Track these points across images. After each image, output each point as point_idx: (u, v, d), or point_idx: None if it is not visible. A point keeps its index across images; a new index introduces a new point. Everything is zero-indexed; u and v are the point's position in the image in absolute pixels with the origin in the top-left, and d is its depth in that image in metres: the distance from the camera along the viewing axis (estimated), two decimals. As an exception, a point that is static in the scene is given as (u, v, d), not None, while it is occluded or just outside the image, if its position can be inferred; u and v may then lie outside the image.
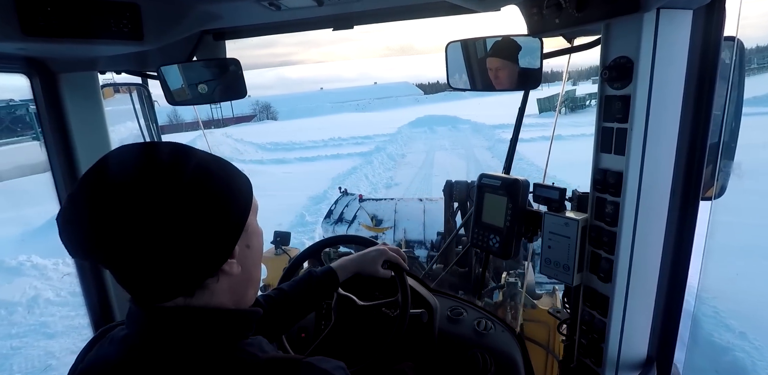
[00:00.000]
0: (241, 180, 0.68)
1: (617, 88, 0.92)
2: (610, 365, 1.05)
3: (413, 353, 1.45)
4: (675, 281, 1.04)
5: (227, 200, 0.64)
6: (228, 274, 0.66)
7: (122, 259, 0.58)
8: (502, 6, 1.14)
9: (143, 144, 0.64)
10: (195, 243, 0.60)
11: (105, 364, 0.66)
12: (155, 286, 0.62)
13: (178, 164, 0.61)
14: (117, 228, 0.56)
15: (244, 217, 0.67)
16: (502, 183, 1.25)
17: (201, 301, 0.66)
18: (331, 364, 0.67)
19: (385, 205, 5.08)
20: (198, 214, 0.60)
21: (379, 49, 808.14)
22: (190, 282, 0.64)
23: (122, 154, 0.62)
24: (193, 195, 0.59)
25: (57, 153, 1.44)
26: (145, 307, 0.64)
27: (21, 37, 1.00)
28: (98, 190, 0.58)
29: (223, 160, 0.68)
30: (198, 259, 0.62)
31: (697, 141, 0.95)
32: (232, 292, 0.69)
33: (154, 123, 1.97)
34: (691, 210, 0.99)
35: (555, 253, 1.09)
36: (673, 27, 0.85)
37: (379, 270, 1.36)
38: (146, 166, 0.59)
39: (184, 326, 0.64)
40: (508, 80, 1.23)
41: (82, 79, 1.44)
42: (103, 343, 0.70)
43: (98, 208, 0.57)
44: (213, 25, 1.46)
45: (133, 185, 0.57)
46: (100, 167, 0.60)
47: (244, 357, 0.64)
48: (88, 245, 0.58)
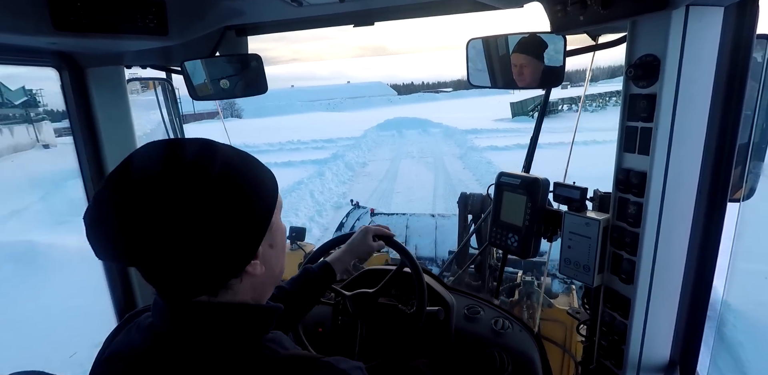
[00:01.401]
0: (266, 176, 0.68)
1: (643, 87, 0.90)
2: (631, 367, 1.04)
3: (429, 350, 1.45)
4: (700, 284, 1.02)
5: (253, 198, 0.63)
6: (251, 275, 0.66)
7: (149, 259, 0.58)
8: (526, 3, 1.13)
9: (168, 141, 0.64)
10: (221, 243, 0.60)
11: (131, 350, 0.67)
12: (180, 284, 0.63)
13: (205, 162, 0.60)
14: (144, 228, 0.56)
15: (269, 215, 0.66)
16: (522, 182, 1.23)
17: (224, 300, 0.66)
18: (349, 364, 0.67)
19: (397, 219, 4.89)
20: (224, 213, 0.59)
21: (353, 49, 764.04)
22: (214, 282, 0.64)
23: (148, 153, 0.61)
24: (219, 194, 0.59)
25: (84, 146, 1.48)
26: (169, 301, 0.65)
27: (52, 31, 1.03)
28: (125, 189, 0.58)
29: (248, 156, 0.67)
30: (223, 261, 0.62)
31: (726, 141, 0.93)
32: (254, 291, 0.70)
33: (178, 117, 2.00)
34: (718, 212, 0.97)
35: (575, 253, 1.08)
36: (702, 24, 0.83)
37: (373, 245, 1.42)
38: (172, 165, 0.59)
39: (209, 320, 0.65)
40: (531, 77, 1.22)
41: (109, 73, 1.47)
42: (131, 328, 0.72)
43: (125, 208, 0.56)
44: (235, 21, 1.47)
45: (159, 184, 0.57)
46: (126, 166, 0.60)
47: (266, 353, 0.65)
48: (115, 246, 0.58)
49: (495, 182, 1.33)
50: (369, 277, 1.53)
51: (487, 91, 77.28)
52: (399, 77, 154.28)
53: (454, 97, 70.84)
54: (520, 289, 2.20)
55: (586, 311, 1.21)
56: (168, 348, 0.64)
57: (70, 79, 1.41)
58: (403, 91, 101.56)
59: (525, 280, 2.22)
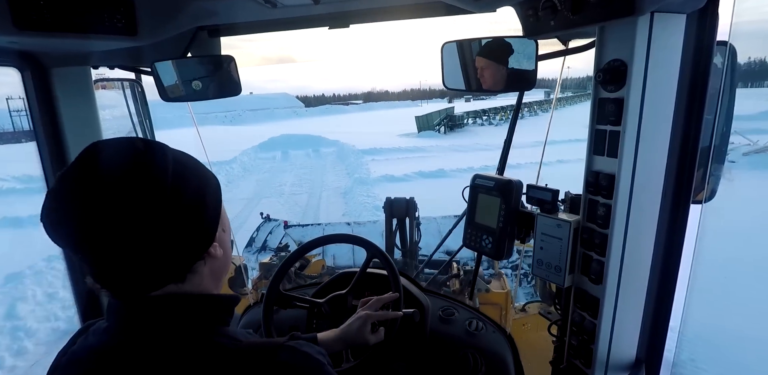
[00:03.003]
0: (206, 168, 0.73)
1: (611, 91, 0.92)
2: (599, 366, 1.06)
3: (405, 353, 1.45)
4: (665, 283, 1.05)
5: (206, 186, 0.69)
6: (213, 257, 0.70)
7: (114, 251, 0.59)
8: (498, 7, 1.15)
9: (117, 140, 0.66)
10: (185, 229, 0.64)
11: (89, 353, 0.67)
12: (147, 275, 0.64)
13: (158, 158, 0.63)
14: (108, 223, 0.57)
15: (220, 201, 0.72)
16: (496, 184, 1.25)
17: (191, 286, 0.68)
18: (313, 348, 0.70)
19: (312, 230, 4.74)
20: (187, 202, 0.64)
21: (259, 59, 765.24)
22: (181, 267, 0.67)
23: (101, 151, 0.62)
24: (178, 185, 0.62)
25: (48, 148, 1.43)
26: (127, 299, 0.66)
27: (13, 30, 0.99)
28: (83, 187, 0.58)
29: (187, 154, 0.71)
30: (189, 245, 0.66)
31: (689, 144, 0.96)
32: (214, 276, 0.73)
33: (147, 119, 1.96)
34: (682, 213, 1.00)
35: (547, 254, 1.10)
36: (666, 31, 0.86)
37: (370, 338, 1.21)
38: (130, 162, 0.61)
39: (166, 313, 0.65)
40: (492, 80, 1.23)
41: (75, 74, 1.43)
42: (87, 335, 0.71)
43: (86, 206, 0.57)
44: (208, 22, 1.45)
45: (119, 181, 0.59)
46: (81, 164, 0.60)
47: (225, 342, 0.66)
48: (76, 241, 0.59)
49: (470, 184, 1.35)
50: (342, 281, 1.53)
51: (395, 104, 75.82)
52: (310, 88, 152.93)
53: (363, 109, 70.33)
54: (461, 279, 2.46)
55: (557, 312, 1.23)
56: (127, 345, 0.64)
57: (33, 80, 1.36)
58: (313, 103, 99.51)
59: (466, 270, 2.51)
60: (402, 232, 3.12)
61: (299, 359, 0.67)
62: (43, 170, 1.46)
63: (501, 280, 2.74)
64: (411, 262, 3.10)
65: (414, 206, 3.09)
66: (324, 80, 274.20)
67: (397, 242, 3.17)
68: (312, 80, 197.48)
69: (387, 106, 75.82)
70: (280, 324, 1.50)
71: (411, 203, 3.09)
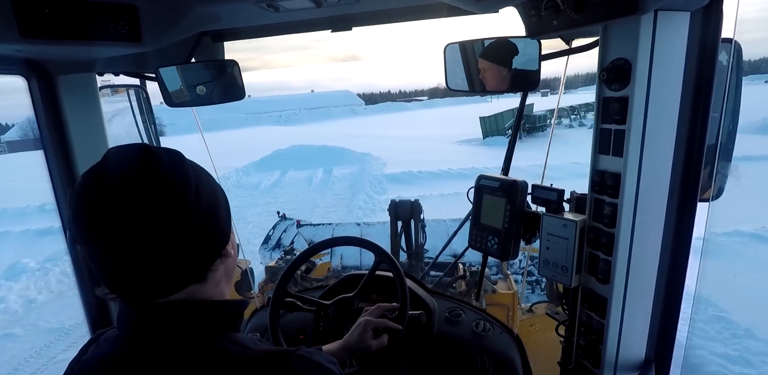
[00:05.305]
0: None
1: (615, 90, 0.92)
2: (608, 367, 1.05)
3: (412, 355, 1.45)
4: (673, 283, 1.05)
5: (216, 187, 0.72)
6: (227, 256, 0.73)
7: (145, 253, 0.61)
8: (501, 8, 1.15)
9: (139, 145, 0.66)
10: (207, 230, 0.66)
11: (101, 362, 0.68)
12: (172, 275, 0.65)
13: (179, 164, 0.65)
14: (142, 227, 0.59)
15: (228, 201, 0.75)
16: (501, 184, 1.24)
17: (212, 285, 0.71)
18: (323, 357, 0.70)
19: (323, 229, 4.84)
20: (206, 204, 0.66)
21: (326, 57, 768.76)
22: (203, 266, 0.68)
23: (122, 154, 0.63)
24: (199, 189, 0.65)
25: (55, 155, 1.43)
26: (141, 305, 0.66)
27: (18, 38, 1.00)
28: (101, 190, 0.59)
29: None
30: (210, 244, 0.68)
31: (695, 143, 0.95)
32: (227, 274, 0.75)
33: (153, 124, 1.97)
34: (688, 211, 0.99)
35: (553, 254, 1.09)
36: (670, 29, 0.86)
37: (372, 344, 1.21)
38: (156, 169, 0.62)
39: (177, 320, 0.66)
40: (494, 81, 1.23)
41: (80, 80, 1.44)
42: (98, 344, 0.72)
43: (120, 211, 0.59)
44: (211, 27, 1.46)
45: (151, 187, 0.60)
46: (109, 169, 0.62)
47: (236, 350, 0.66)
48: (108, 244, 0.60)
49: (474, 185, 1.34)
50: (349, 284, 1.52)
51: (462, 100, 72.31)
52: (375, 86, 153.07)
53: (426, 106, 67.39)
54: (467, 280, 2.44)
55: (565, 312, 1.23)
56: (138, 353, 0.65)
57: (39, 88, 1.37)
58: (378, 100, 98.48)
59: (472, 271, 2.49)
60: (407, 235, 3.12)
61: (310, 368, 0.67)
62: (50, 176, 1.47)
63: (507, 280, 2.75)
64: (417, 265, 3.11)
65: (419, 208, 3.08)
66: (390, 77, 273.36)
67: (402, 245, 3.17)
68: (378, 77, 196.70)
69: (452, 103, 71.50)
70: (287, 327, 1.49)
71: (416, 205, 3.08)
